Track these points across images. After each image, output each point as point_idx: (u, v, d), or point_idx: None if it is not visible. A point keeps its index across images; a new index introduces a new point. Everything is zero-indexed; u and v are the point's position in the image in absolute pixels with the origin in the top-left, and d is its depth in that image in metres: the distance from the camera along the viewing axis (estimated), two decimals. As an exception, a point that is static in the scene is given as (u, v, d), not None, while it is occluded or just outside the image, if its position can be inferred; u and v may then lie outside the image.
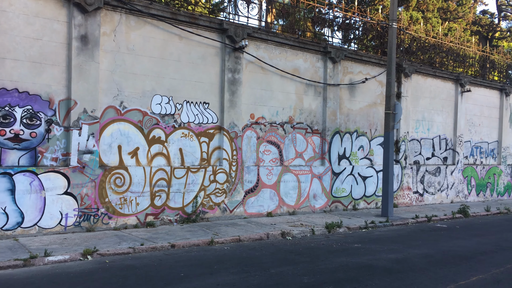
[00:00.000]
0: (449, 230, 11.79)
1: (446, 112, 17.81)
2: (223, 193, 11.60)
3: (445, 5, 27.05)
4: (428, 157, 17.21)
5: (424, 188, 16.83)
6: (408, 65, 15.97)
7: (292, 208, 13.07)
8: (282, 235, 10.13)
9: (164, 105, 10.74)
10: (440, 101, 17.55)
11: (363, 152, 15.04)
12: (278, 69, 12.80)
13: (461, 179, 18.28)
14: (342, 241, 9.89)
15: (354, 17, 15.51)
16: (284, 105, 13.05)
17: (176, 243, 8.62)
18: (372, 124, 15.23)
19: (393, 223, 12.36)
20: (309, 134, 13.63)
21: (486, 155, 19.72)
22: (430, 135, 17.25)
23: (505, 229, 12.27)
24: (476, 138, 19.16)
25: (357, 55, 14.71)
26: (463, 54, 19.01)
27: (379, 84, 15.35)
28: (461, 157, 18.24)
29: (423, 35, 17.61)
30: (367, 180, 15.02)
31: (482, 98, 19.30)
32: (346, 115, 14.53)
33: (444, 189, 17.59)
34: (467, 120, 18.67)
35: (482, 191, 19.26)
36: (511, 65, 22.13)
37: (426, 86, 17.03)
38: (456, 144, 18.04)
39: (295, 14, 14.25)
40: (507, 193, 20.53)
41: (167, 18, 10.69)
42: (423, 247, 9.40)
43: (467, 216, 14.30)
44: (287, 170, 12.96)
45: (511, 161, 20.88)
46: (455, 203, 17.48)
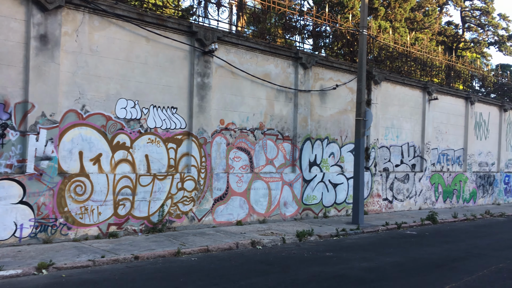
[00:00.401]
0: (419, 237, 11.77)
1: (415, 119, 18.00)
2: (191, 201, 11.19)
3: (412, 15, 27.61)
4: (397, 164, 17.30)
5: (393, 195, 16.89)
6: (378, 72, 16.05)
7: (263, 216, 12.78)
8: (252, 245, 9.81)
9: (130, 110, 10.28)
10: (408, 108, 17.72)
11: (334, 159, 14.94)
12: (249, 74, 12.55)
13: (429, 186, 18.48)
14: (313, 249, 9.66)
15: (325, 23, 15.47)
16: (255, 111, 12.80)
17: (140, 255, 8.16)
18: (343, 131, 15.18)
19: (364, 231, 12.25)
20: (280, 141, 13.41)
21: (453, 162, 20.05)
22: (399, 142, 17.37)
23: (473, 236, 12.36)
24: (443, 146, 19.45)
25: (328, 61, 14.64)
26: (430, 63, 19.33)
27: (350, 91, 15.33)
28: (429, 164, 18.45)
29: (391, 43, 17.79)
30: (337, 187, 14.92)
31: (448, 106, 19.65)
32: (317, 121, 14.40)
33: (412, 196, 17.72)
34: (435, 127, 18.93)
35: (448, 197, 19.54)
36: (474, 75, 22.71)
37: (395, 93, 17.16)
38: (424, 151, 18.24)
39: (265, 21, 14.07)
40: (472, 200, 20.91)
41: (134, 19, 10.28)
42: (394, 255, 9.28)
43: (435, 223, 14.37)
44: (258, 177, 12.68)
45: (476, 168, 21.32)
46: (423, 210, 17.63)
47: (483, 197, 21.58)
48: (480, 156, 21.58)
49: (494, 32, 32.64)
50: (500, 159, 22.76)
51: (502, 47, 32.80)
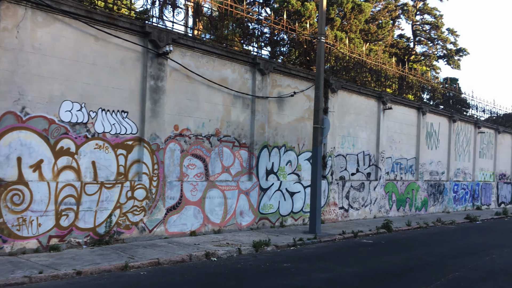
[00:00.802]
0: (375, 246, 11.70)
1: (370, 128, 18.18)
2: (142, 211, 10.55)
3: (367, 27, 28.20)
4: (353, 173, 17.36)
5: (349, 204, 16.90)
6: (335, 80, 16.07)
7: (218, 226, 12.31)
8: (206, 256, 9.33)
9: (76, 113, 9.57)
10: (364, 117, 17.87)
11: (291, 167, 14.73)
12: (205, 78, 12.12)
13: (383, 194, 18.67)
14: (270, 260, 9.30)
15: (283, 30, 15.32)
16: (211, 117, 12.36)
17: (83, 270, 7.48)
18: (300, 139, 15.02)
19: (321, 240, 12.06)
20: (237, 148, 13.03)
21: (405, 171, 20.41)
22: (355, 151, 17.45)
23: (427, 244, 12.45)
24: (396, 155, 19.76)
25: (286, 68, 14.48)
26: (384, 73, 19.66)
27: (307, 98, 15.23)
28: (383, 173, 18.67)
29: (347, 53, 17.93)
30: (294, 196, 14.70)
31: (401, 116, 20.04)
32: (274, 128, 14.16)
33: (367, 205, 17.82)
34: (389, 136, 19.22)
35: (402, 206, 19.84)
36: (425, 86, 23.38)
37: (351, 102, 17.26)
38: (378, 160, 18.44)
39: (223, 28, 13.71)
40: (424, 208, 21.36)
41: (82, 16, 9.62)
42: (353, 265, 9.08)
43: (390, 231, 14.43)
44: (213, 185, 12.22)
45: (427, 177, 21.85)
46: (378, 218, 17.75)
47: (434, 205, 22.11)
48: (431, 165, 22.14)
49: (443, 46, 34.06)
50: (450, 168, 23.47)
51: (450, 60, 34.24)
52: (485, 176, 27.37)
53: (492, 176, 28.13)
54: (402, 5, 33.11)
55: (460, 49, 33.87)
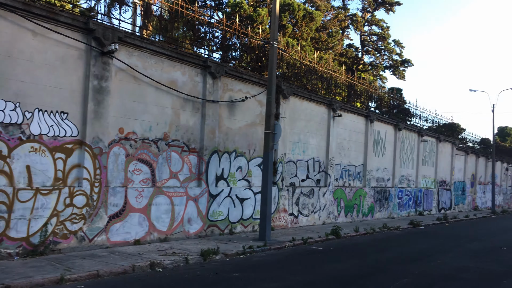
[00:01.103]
0: (325, 253, 11.65)
1: (320, 135, 18.30)
2: (81, 219, 9.87)
3: (317, 35, 28.63)
4: (303, 179, 17.36)
5: (299, 210, 16.87)
6: (287, 86, 16.02)
7: (164, 234, 11.79)
8: (151, 267, 8.84)
9: (9, 113, 8.80)
10: (314, 124, 17.97)
11: (242, 173, 14.47)
12: (154, 80, 11.63)
13: (332, 200, 18.83)
14: (219, 270, 8.96)
15: (235, 34, 15.08)
16: (159, 120, 11.87)
17: (12, 284, 6.80)
18: (251, 145, 14.80)
19: (271, 247, 11.86)
20: (186, 153, 12.60)
21: (354, 178, 20.75)
22: (305, 157, 17.48)
23: (375, 250, 12.58)
24: (345, 161, 20.04)
25: (237, 72, 14.24)
26: (334, 81, 19.93)
27: (259, 104, 15.06)
28: (332, 179, 18.84)
29: (299, 59, 17.98)
30: (244, 203, 14.43)
31: (351, 124, 20.37)
32: (225, 133, 13.85)
33: (317, 211, 17.88)
34: (338, 143, 19.45)
35: (350, 212, 20.11)
36: (372, 95, 23.97)
37: (302, 108, 17.29)
38: (328, 167, 18.59)
39: (173, 30, 13.26)
40: (370, 214, 21.80)
41: (18, 9, 8.90)
42: (304, 273, 8.93)
43: (339, 237, 14.50)
44: (160, 191, 11.71)
45: (374, 183, 22.34)
46: (326, 224, 17.85)
47: (379, 211, 22.62)
48: (378, 172, 22.68)
49: (389, 57, 35.29)
50: (395, 175, 24.16)
51: (396, 71, 35.52)
52: (427, 183, 28.46)
53: (434, 183, 29.30)
54: (351, 16, 34.01)
55: (405, 60, 35.25)
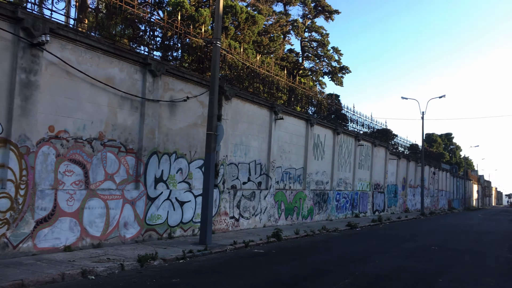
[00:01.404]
0: (267, 256, 11.52)
1: (262, 137, 18.25)
2: (4, 224, 9.00)
3: (259, 39, 28.73)
4: (244, 182, 17.20)
5: (240, 213, 16.67)
6: (229, 88, 15.81)
7: (98, 239, 11.09)
8: (82, 275, 8.22)
9: None
10: (256, 126, 17.90)
11: (182, 175, 14.02)
12: (89, 76, 10.95)
13: (273, 203, 18.84)
14: (158, 276, 8.52)
15: (177, 33, 14.63)
16: (94, 119, 11.18)
17: None
18: (192, 146, 14.41)
19: (212, 251, 11.54)
20: (123, 154, 11.97)
21: (294, 181, 20.92)
22: (247, 159, 17.34)
23: (316, 252, 12.65)
24: (286, 164, 20.16)
25: (179, 71, 13.81)
26: (276, 84, 20.01)
27: (201, 104, 14.71)
28: (273, 182, 18.85)
29: (241, 60, 17.85)
30: (184, 206, 14.00)
31: (292, 127, 20.55)
32: (165, 134, 13.36)
33: (258, 214, 17.78)
34: (279, 146, 19.53)
35: (290, 214, 20.24)
36: (312, 100, 24.40)
37: (244, 111, 17.15)
38: (269, 169, 18.58)
39: (110, 27, 12.58)
40: (310, 216, 22.09)
41: None
42: (247, 277, 8.71)
43: (280, 240, 14.46)
44: (94, 194, 11.01)
45: (314, 186, 22.68)
46: (267, 227, 17.81)
47: (318, 213, 23.00)
48: (317, 175, 23.06)
49: (328, 63, 36.24)
50: (333, 178, 24.71)
51: (334, 77, 36.54)
52: (363, 186, 29.43)
53: (369, 186, 30.37)
54: (292, 21, 34.53)
55: (343, 67, 36.37)
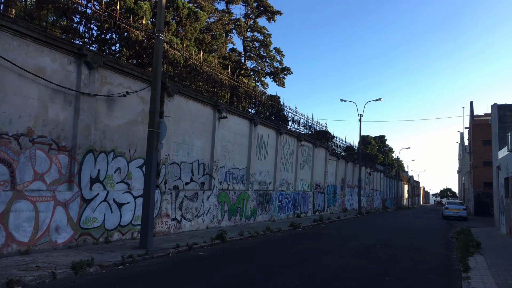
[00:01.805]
0: (212, 259, 11.04)
1: (205, 137, 17.72)
2: None
3: (201, 36, 28.11)
4: (187, 182, 16.58)
5: (182, 215, 16.02)
6: (172, 84, 15.14)
7: (26, 245, 10.04)
8: (8, 285, 7.32)
9: None
10: (200, 125, 17.34)
11: (121, 175, 13.17)
12: (16, 65, 9.91)
13: (216, 204, 18.35)
14: (94, 284, 7.78)
15: (116, 25, 13.75)
16: (22, 113, 10.13)
17: None
18: (132, 144, 13.59)
19: (154, 256, 10.86)
20: (55, 151, 10.97)
21: (237, 181, 20.57)
22: (190, 159, 16.73)
23: (262, 253, 12.36)
24: (229, 164, 19.76)
25: (118, 64, 12.96)
26: (219, 82, 19.55)
27: (142, 100, 13.93)
28: (217, 183, 18.38)
29: (186, 55, 17.22)
30: (123, 208, 13.15)
31: (236, 126, 20.18)
32: (102, 131, 12.47)
33: (201, 215, 17.22)
34: (223, 146, 19.09)
35: (233, 215, 19.85)
36: (255, 99, 24.21)
37: (187, 108, 16.54)
38: (213, 169, 18.08)
39: (40, 18, 11.51)
40: (253, 217, 21.84)
41: None
42: (191, 283, 8.19)
43: (224, 242, 14.03)
44: (21, 196, 9.95)
45: (257, 187, 22.47)
46: (210, 229, 17.30)
47: (261, 214, 22.81)
48: (260, 175, 22.87)
49: (270, 64, 36.27)
50: (276, 179, 24.66)
51: (276, 78, 36.65)
52: (304, 186, 29.72)
53: (310, 186, 30.73)
54: (235, 20, 34.20)
55: (285, 68, 36.59)
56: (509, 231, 18.48)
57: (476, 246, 14.37)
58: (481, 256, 12.38)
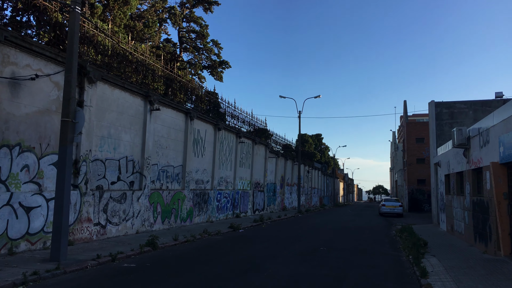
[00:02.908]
0: (140, 272, 9.33)
1: (135, 130, 15.82)
2: None
3: (132, 23, 25.87)
4: (113, 181, 14.61)
5: (107, 219, 14.04)
6: (94, 69, 13.13)
7: None
8: None
9: None
10: (128, 117, 15.41)
11: (29, 174, 11.03)
12: None
13: (148, 205, 16.50)
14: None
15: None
16: None
17: None
18: (44, 137, 11.48)
19: (67, 270, 8.97)
20: None
21: (172, 180, 18.81)
22: (117, 155, 14.77)
23: (201, 261, 10.81)
24: (163, 162, 17.96)
25: (24, 41, 10.81)
26: (152, 72, 17.70)
27: (56, 86, 11.84)
28: (148, 182, 16.53)
29: (113, 40, 15.22)
30: (32, 212, 11.03)
31: (170, 120, 18.41)
32: (5, 121, 10.30)
33: (129, 218, 15.30)
34: (156, 141, 17.26)
35: (167, 217, 18.07)
36: (192, 92, 22.51)
37: (114, 98, 14.57)
38: (144, 167, 16.21)
39: None
40: (189, 219, 20.16)
41: None
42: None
43: (156, 249, 12.32)
44: None
45: (193, 186, 20.80)
46: (141, 234, 15.46)
47: (198, 215, 21.19)
48: (197, 173, 21.23)
49: (207, 57, 34.50)
50: (214, 177, 23.12)
51: (214, 71, 34.93)
52: (244, 185, 28.42)
53: (250, 185, 29.49)
54: (169, 8, 32.10)
55: (223, 61, 34.99)
56: (451, 228, 18.34)
57: (423, 246, 13.78)
58: (434, 258, 11.65)
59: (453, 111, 25.12)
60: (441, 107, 25.28)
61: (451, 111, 25.16)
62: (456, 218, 17.15)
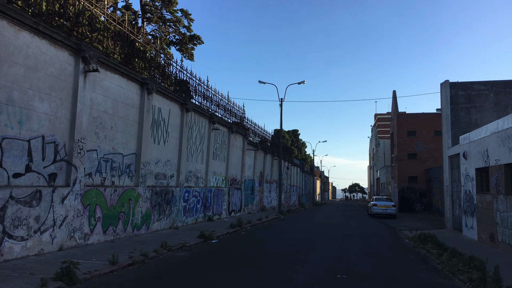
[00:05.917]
0: None
1: (59, 98, 10.75)
2: None
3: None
4: (18, 173, 9.52)
5: (5, 231, 8.98)
6: (-24, -13, 8.03)
7: None
8: None
9: None
10: (47, 77, 10.34)
11: None
12: None
13: (80, 209, 11.46)
14: None
15: None
16: None
17: None
18: None
19: None
20: None
21: (121, 173, 13.78)
22: (25, 133, 9.69)
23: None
24: (107, 147, 12.92)
25: None
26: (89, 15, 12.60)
27: None
28: (81, 175, 11.47)
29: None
30: None
31: (117, 90, 13.38)
32: None
33: (47, 229, 10.24)
34: (95, 118, 12.22)
35: (112, 225, 13.05)
36: (156, 59, 17.42)
37: (19, 44, 9.49)
38: (73, 153, 11.15)
39: None
40: (145, 225, 15.17)
41: None
42: None
43: (73, 284, 7.39)
44: None
45: (152, 181, 15.82)
46: (67, 250, 10.47)
47: (158, 220, 16.21)
48: (157, 165, 16.24)
49: (175, 30, 29.30)
50: (181, 171, 18.16)
51: (183, 47, 29.73)
52: (218, 181, 23.55)
53: (225, 181, 24.64)
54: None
55: (194, 36, 29.83)
56: (489, 237, 14.05)
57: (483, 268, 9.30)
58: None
59: (471, 93, 20.96)
60: (456, 88, 21.08)
61: (468, 93, 21.01)
62: (503, 225, 12.85)
